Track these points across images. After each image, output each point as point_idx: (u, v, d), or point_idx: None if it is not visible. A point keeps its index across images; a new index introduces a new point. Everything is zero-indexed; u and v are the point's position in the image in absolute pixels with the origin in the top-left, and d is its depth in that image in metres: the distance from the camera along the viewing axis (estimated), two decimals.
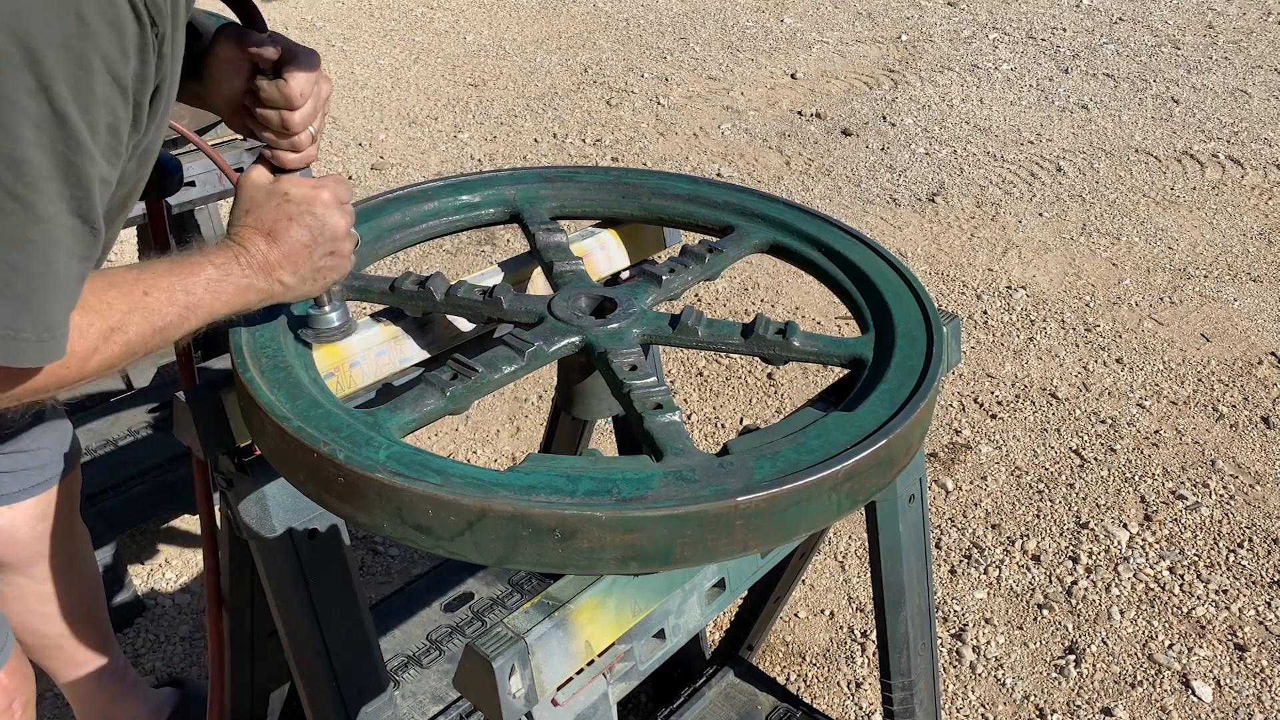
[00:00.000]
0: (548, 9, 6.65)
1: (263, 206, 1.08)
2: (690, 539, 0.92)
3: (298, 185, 1.09)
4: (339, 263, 1.12)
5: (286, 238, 1.06)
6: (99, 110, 0.80)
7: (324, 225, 1.08)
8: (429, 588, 2.03)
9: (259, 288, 1.06)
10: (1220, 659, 2.18)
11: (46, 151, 0.78)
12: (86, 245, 0.85)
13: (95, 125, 0.80)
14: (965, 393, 3.05)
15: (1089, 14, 6.27)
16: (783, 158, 4.61)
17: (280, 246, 1.06)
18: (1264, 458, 2.75)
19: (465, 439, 2.93)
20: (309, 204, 1.08)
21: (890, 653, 1.45)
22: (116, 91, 0.81)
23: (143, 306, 0.96)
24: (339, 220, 1.10)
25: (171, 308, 0.99)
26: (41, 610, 1.68)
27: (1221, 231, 3.88)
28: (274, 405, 1.02)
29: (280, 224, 1.07)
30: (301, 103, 1.09)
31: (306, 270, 1.08)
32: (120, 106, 0.83)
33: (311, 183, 1.10)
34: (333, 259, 1.10)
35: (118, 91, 0.81)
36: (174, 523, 2.58)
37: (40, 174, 0.78)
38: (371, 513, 0.95)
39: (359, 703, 1.26)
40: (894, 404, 1.08)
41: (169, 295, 0.98)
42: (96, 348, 0.93)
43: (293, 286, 1.08)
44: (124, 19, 0.79)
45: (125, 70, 0.81)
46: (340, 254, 1.11)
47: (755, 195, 1.49)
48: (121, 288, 0.96)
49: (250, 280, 1.04)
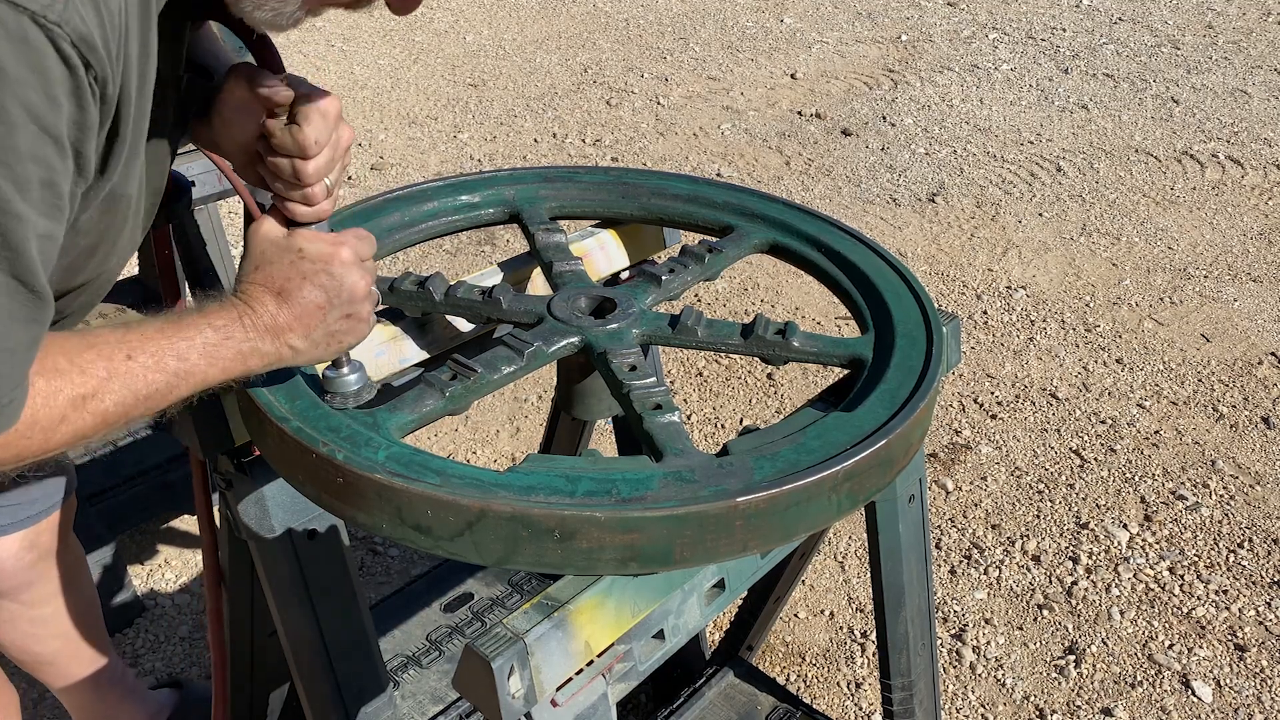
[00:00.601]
0: (548, 9, 6.65)
1: (274, 263, 0.99)
2: (690, 539, 0.92)
3: (314, 241, 1.00)
4: (356, 326, 1.02)
5: (299, 298, 0.98)
6: (26, 165, 0.74)
7: (341, 285, 0.99)
8: (429, 588, 2.03)
9: (264, 351, 0.97)
10: (1220, 659, 2.18)
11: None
12: (29, 308, 0.78)
13: (23, 182, 0.74)
14: (965, 393, 3.05)
15: (1089, 14, 6.26)
16: (783, 158, 4.61)
17: (291, 307, 0.97)
18: (1264, 458, 2.75)
19: (465, 439, 2.93)
20: (325, 262, 0.99)
21: (890, 653, 1.45)
22: (48, 143, 0.75)
23: (124, 372, 0.88)
24: (358, 280, 1.01)
25: (158, 374, 0.90)
26: (32, 632, 1.67)
27: (1221, 231, 3.88)
28: (273, 405, 1.02)
29: (292, 283, 0.98)
30: (316, 151, 0.99)
31: (320, 334, 1.00)
32: (55, 158, 0.76)
33: (329, 238, 1.01)
34: (349, 322, 1.01)
35: (49, 142, 0.75)
36: (174, 523, 2.58)
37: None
38: (371, 513, 0.95)
39: (359, 703, 1.26)
40: (894, 404, 1.08)
41: (156, 360, 0.90)
42: (64, 416, 0.85)
43: (303, 351, 1.00)
44: (48, 63, 0.73)
45: (57, 119, 0.75)
46: (358, 316, 1.02)
47: (755, 195, 1.48)
48: (101, 349, 0.87)
49: (254, 344, 0.96)
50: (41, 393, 0.83)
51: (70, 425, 0.86)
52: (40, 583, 1.63)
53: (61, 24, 0.73)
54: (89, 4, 0.76)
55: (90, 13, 0.76)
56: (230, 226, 3.71)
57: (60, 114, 0.76)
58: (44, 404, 0.83)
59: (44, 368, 0.84)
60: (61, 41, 0.73)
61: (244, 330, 0.96)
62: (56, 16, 0.73)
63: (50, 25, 0.72)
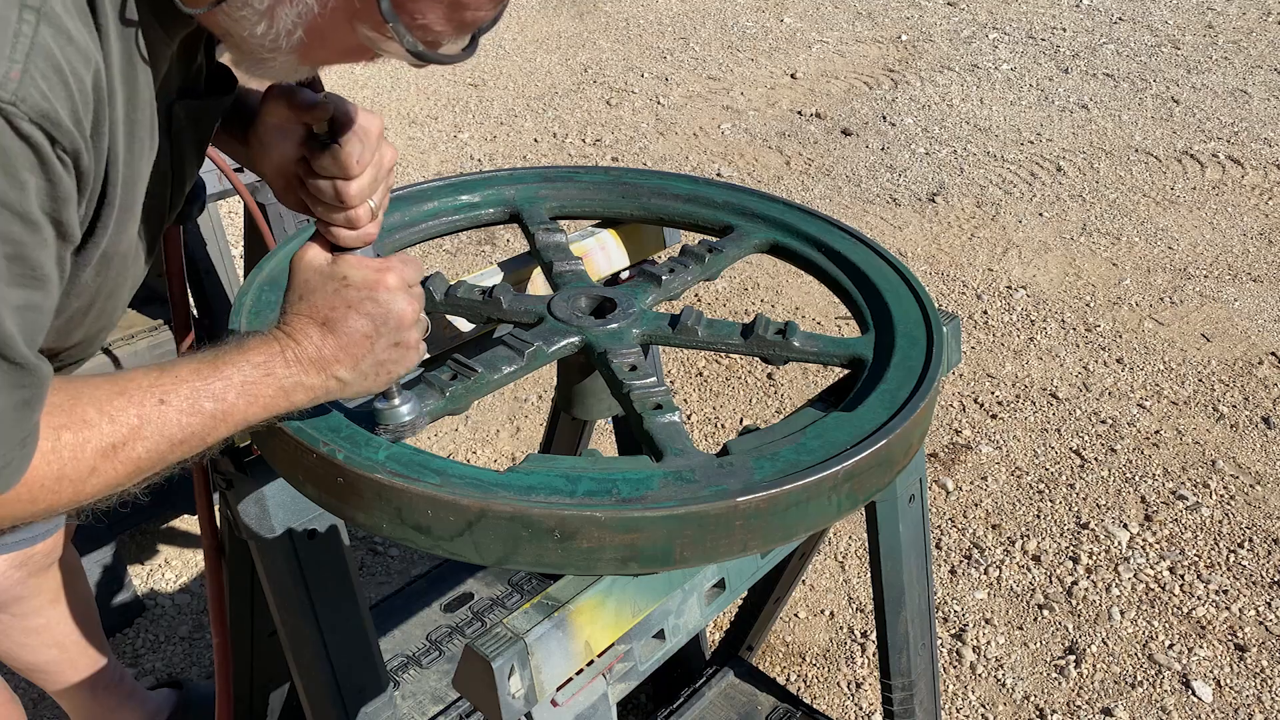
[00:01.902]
0: (548, 9, 6.65)
1: (317, 292, 0.95)
2: (690, 539, 0.92)
3: (358, 267, 0.96)
4: (405, 354, 0.98)
5: (345, 328, 0.94)
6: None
7: (388, 313, 0.95)
8: (429, 588, 2.03)
9: (309, 385, 0.94)
10: (1220, 659, 2.18)
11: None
12: (14, 380, 0.77)
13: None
14: (965, 393, 3.05)
15: (1089, 14, 6.26)
16: (783, 158, 4.61)
17: (337, 338, 0.94)
18: (1264, 458, 2.75)
19: (465, 439, 2.93)
20: (371, 289, 0.95)
21: (890, 653, 1.45)
22: (13, 220, 0.74)
23: (157, 418, 0.86)
24: (405, 306, 0.96)
25: (193, 418, 0.87)
26: (26, 642, 1.66)
27: (1221, 231, 3.88)
28: None
29: (338, 312, 0.94)
30: (358, 171, 0.96)
31: (368, 365, 0.96)
32: (23, 234, 0.75)
33: (375, 264, 0.96)
34: (398, 350, 0.97)
35: (14, 219, 0.74)
36: (174, 523, 2.58)
37: None
38: (371, 513, 0.95)
39: (359, 703, 1.26)
40: (894, 404, 1.08)
41: (191, 403, 0.87)
42: (94, 468, 0.84)
43: (350, 383, 0.96)
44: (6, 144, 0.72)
45: (22, 195, 0.74)
46: (406, 344, 0.98)
47: (755, 195, 1.48)
48: (132, 396, 0.85)
49: (298, 379, 0.93)
50: (69, 446, 0.82)
51: (100, 476, 0.85)
52: (32, 596, 1.62)
53: (17, 103, 0.72)
54: (53, 78, 0.75)
55: (55, 87, 0.75)
56: (230, 226, 3.71)
57: (25, 190, 0.75)
58: (71, 457, 0.82)
59: (71, 420, 0.83)
60: (19, 120, 0.72)
61: (286, 365, 0.92)
62: (11, 95, 0.72)
63: (5, 105, 0.71)
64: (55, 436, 0.82)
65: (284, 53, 0.88)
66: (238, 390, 0.90)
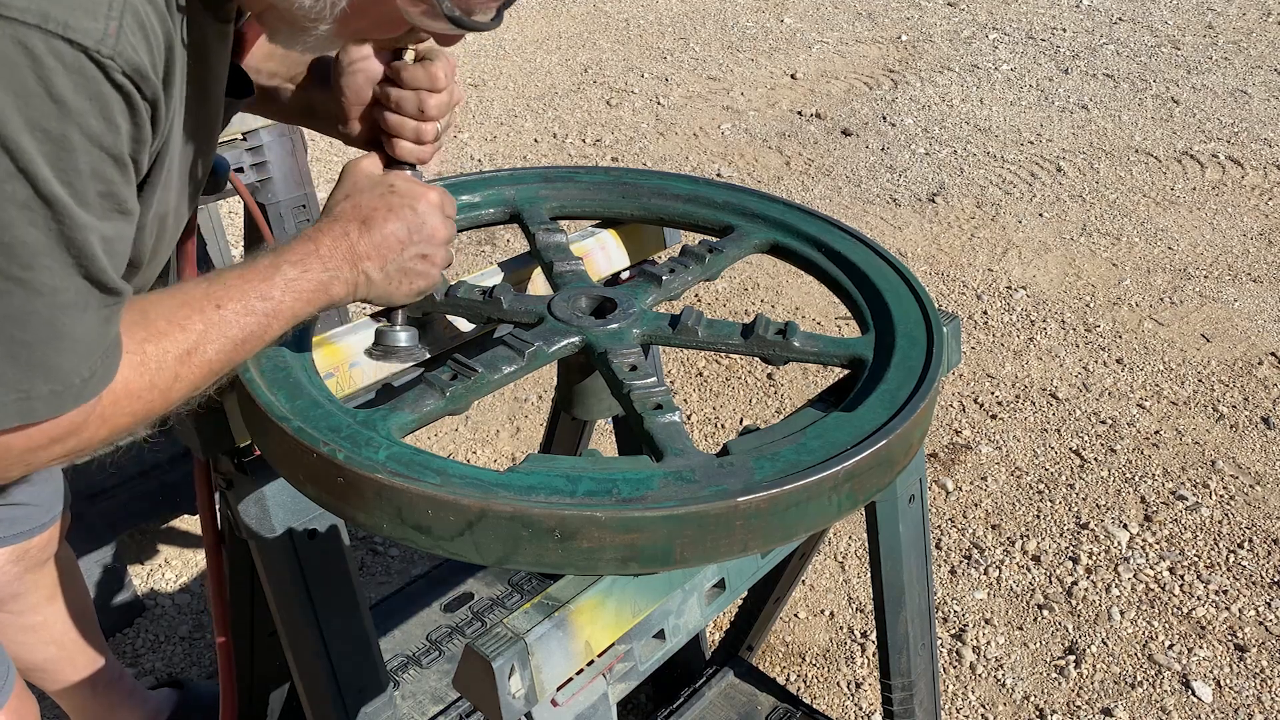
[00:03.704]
0: (548, 9, 6.65)
1: (365, 193, 1.05)
2: (690, 539, 0.92)
3: (406, 180, 1.07)
4: (429, 269, 1.08)
5: (381, 229, 1.03)
6: (87, 182, 0.80)
7: (424, 223, 1.05)
8: (429, 588, 2.03)
9: (344, 278, 1.02)
10: (1220, 659, 2.18)
11: (40, 230, 0.78)
12: (103, 301, 0.85)
13: (84, 196, 0.80)
14: (965, 393, 3.05)
15: (1089, 14, 6.27)
16: (783, 158, 4.61)
17: (372, 236, 1.03)
18: (1264, 458, 2.75)
19: (465, 439, 2.93)
20: (413, 199, 1.05)
21: (890, 653, 1.45)
22: (107, 161, 0.81)
23: (218, 322, 0.94)
24: (439, 224, 1.07)
25: (249, 317, 0.96)
26: (23, 640, 1.67)
27: (1221, 231, 3.88)
28: (273, 405, 1.02)
29: (378, 213, 1.03)
30: (443, 86, 1.07)
31: (393, 267, 1.04)
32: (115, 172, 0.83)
33: (420, 183, 1.07)
34: (423, 263, 1.07)
35: (109, 161, 0.82)
36: (174, 523, 2.58)
37: (35, 252, 0.78)
38: (371, 513, 0.95)
39: (359, 703, 1.26)
40: (894, 404, 1.08)
41: (244, 304, 0.96)
42: (177, 374, 0.92)
43: (377, 283, 1.04)
44: (104, 91, 0.79)
45: (116, 138, 0.82)
46: (432, 260, 1.07)
47: (755, 195, 1.48)
48: (193, 305, 0.94)
49: (334, 272, 1.01)
50: (154, 356, 0.90)
51: (183, 381, 0.93)
52: (29, 593, 1.62)
53: (115, 57, 0.79)
54: (139, 34, 0.81)
55: (139, 42, 0.81)
56: (230, 226, 3.71)
57: (119, 134, 0.82)
58: (157, 366, 0.90)
59: (150, 333, 0.91)
60: (114, 72, 0.79)
61: (321, 261, 1.00)
62: (110, 50, 0.78)
63: (104, 60, 0.78)
64: (140, 349, 0.90)
65: (326, 22, 0.94)
66: (281, 288, 0.98)
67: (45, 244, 0.79)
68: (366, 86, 1.12)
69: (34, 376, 0.81)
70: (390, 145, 1.10)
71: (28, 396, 0.82)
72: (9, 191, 0.76)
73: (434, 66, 1.07)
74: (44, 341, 0.81)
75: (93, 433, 0.89)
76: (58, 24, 0.75)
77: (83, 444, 0.89)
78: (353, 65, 1.13)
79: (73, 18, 0.76)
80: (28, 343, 0.80)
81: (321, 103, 1.22)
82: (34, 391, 0.82)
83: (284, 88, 1.29)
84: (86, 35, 0.76)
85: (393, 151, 1.09)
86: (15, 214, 0.77)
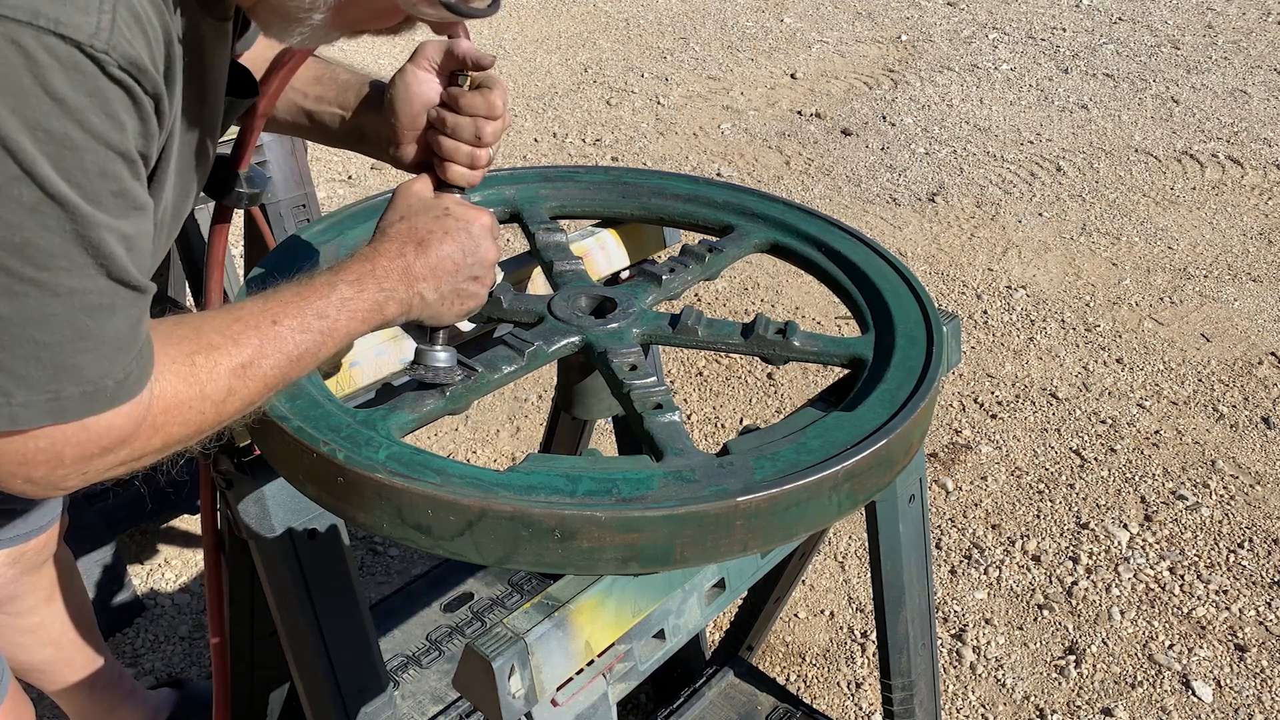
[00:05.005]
0: (548, 9, 6.65)
1: (420, 215, 1.07)
2: (690, 539, 0.92)
3: (459, 204, 1.09)
4: (479, 291, 1.10)
5: (437, 250, 1.05)
6: (95, 181, 0.79)
7: (478, 247, 1.08)
8: (429, 588, 2.02)
9: (399, 298, 1.03)
10: (1220, 659, 2.18)
11: (53, 232, 0.77)
12: (129, 301, 0.84)
13: (95, 195, 0.79)
14: (965, 393, 3.05)
15: (1089, 14, 6.27)
16: (783, 158, 4.61)
17: (428, 258, 1.04)
18: (1264, 458, 2.75)
19: (465, 439, 2.93)
20: (467, 222, 1.07)
21: (890, 653, 1.45)
22: (115, 159, 0.80)
23: (274, 338, 0.94)
24: (490, 247, 1.09)
25: (305, 334, 0.97)
26: (20, 641, 1.66)
27: (1221, 231, 3.88)
28: (273, 405, 1.02)
29: (435, 235, 1.05)
30: (500, 113, 1.10)
31: (448, 288, 1.06)
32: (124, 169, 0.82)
33: (473, 206, 1.10)
34: (475, 285, 1.09)
35: (116, 158, 0.80)
36: (174, 523, 2.58)
37: (50, 254, 0.77)
38: (371, 513, 0.94)
39: (359, 703, 1.25)
40: (894, 404, 1.08)
41: (300, 321, 0.96)
42: (230, 387, 0.92)
43: (431, 303, 1.06)
44: (103, 86, 0.78)
45: (122, 135, 0.80)
46: (482, 282, 1.10)
47: (755, 195, 1.48)
48: (248, 320, 0.94)
49: (389, 293, 1.02)
50: (203, 367, 0.90)
51: (238, 395, 0.93)
52: (26, 594, 1.62)
53: (110, 51, 0.77)
54: (134, 28, 0.80)
55: (136, 35, 0.80)
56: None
57: (125, 131, 0.80)
58: (208, 377, 0.90)
59: (200, 345, 0.91)
60: (111, 68, 0.78)
61: (377, 280, 1.02)
62: (104, 45, 0.77)
63: (99, 54, 0.77)
64: (189, 360, 0.90)
65: (320, 13, 0.93)
66: (337, 307, 0.99)
67: (61, 245, 0.78)
68: (421, 112, 1.14)
69: (61, 378, 0.81)
70: (443, 169, 1.12)
71: (57, 397, 0.81)
72: (16, 194, 0.75)
73: (492, 94, 1.10)
74: (67, 342, 0.80)
75: (145, 442, 0.88)
76: (49, 20, 0.74)
77: (135, 453, 0.88)
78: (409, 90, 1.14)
79: (64, 13, 0.75)
80: (50, 344, 0.80)
81: (373, 127, 1.23)
82: (63, 393, 0.81)
83: (332, 112, 1.29)
84: (79, 30, 0.75)
85: (445, 175, 1.11)
86: (25, 217, 0.76)
